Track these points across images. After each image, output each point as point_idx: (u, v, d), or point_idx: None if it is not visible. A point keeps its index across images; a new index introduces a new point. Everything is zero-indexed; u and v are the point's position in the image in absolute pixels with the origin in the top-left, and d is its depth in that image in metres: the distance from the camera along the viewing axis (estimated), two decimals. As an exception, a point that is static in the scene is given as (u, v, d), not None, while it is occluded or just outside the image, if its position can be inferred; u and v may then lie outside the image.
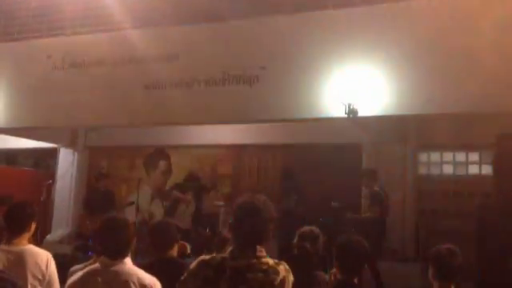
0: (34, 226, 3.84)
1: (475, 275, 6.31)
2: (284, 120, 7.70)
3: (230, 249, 2.65)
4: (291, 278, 2.61)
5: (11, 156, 12.94)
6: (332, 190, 8.57)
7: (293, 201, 8.40)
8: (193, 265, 2.67)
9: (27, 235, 3.80)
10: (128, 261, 2.96)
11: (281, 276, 2.56)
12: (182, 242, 4.18)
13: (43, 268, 3.65)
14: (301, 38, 7.22)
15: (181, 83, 7.81)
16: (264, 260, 2.59)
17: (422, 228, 8.37)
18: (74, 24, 8.87)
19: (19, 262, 3.60)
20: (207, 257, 2.69)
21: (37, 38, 9.16)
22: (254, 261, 2.57)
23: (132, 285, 2.84)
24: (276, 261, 2.64)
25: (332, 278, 3.70)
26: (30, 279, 3.57)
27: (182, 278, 2.67)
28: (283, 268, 2.60)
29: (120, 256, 2.93)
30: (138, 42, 8.02)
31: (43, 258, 3.69)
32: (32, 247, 3.75)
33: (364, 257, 3.44)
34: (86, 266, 3.16)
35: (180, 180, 10.53)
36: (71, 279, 3.00)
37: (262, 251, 2.61)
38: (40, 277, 3.62)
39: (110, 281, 2.86)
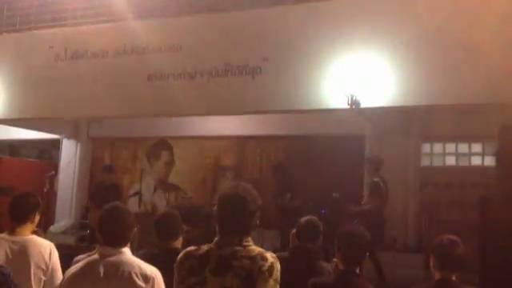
0: (37, 216, 3.85)
1: (477, 266, 6.32)
2: (287, 111, 7.70)
3: (215, 239, 2.62)
4: (279, 266, 2.56)
5: (14, 147, 12.98)
6: (334, 181, 8.57)
7: (287, 197, 8.29)
8: (179, 256, 2.65)
9: (31, 226, 3.81)
10: (127, 251, 2.95)
11: (269, 262, 2.51)
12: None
13: (46, 258, 3.66)
14: (303, 29, 7.20)
15: (183, 74, 7.80)
16: (250, 248, 2.56)
17: (424, 219, 8.39)
18: (76, 15, 8.87)
19: (22, 251, 3.62)
20: (193, 248, 2.66)
21: (39, 28, 9.16)
22: (240, 248, 2.54)
23: (134, 275, 2.84)
24: (262, 249, 2.60)
25: (334, 267, 3.72)
26: (34, 269, 3.59)
27: (174, 267, 2.65)
28: (270, 255, 2.56)
29: (120, 244, 2.93)
30: (141, 32, 8.01)
31: (46, 248, 3.70)
32: (35, 237, 3.76)
33: (365, 247, 3.45)
34: (88, 256, 3.16)
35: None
36: (69, 271, 2.98)
37: (248, 241, 2.58)
38: (43, 266, 3.64)
39: (110, 272, 2.83)
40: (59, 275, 3.65)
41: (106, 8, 8.57)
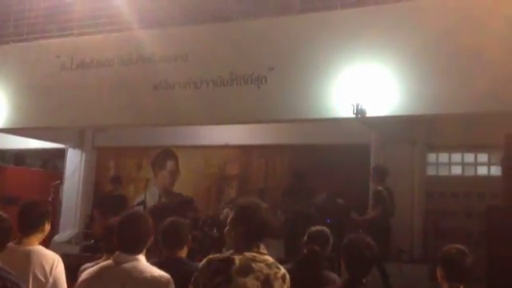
0: (47, 226, 3.79)
1: (485, 276, 6.28)
2: (292, 120, 7.70)
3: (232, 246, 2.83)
4: (289, 277, 2.77)
5: (19, 156, 13.00)
6: (340, 190, 8.55)
7: (304, 202, 8.35)
8: (202, 262, 2.79)
9: (40, 236, 3.75)
10: (142, 258, 2.95)
11: (282, 271, 2.75)
12: None
13: (47, 270, 3.58)
14: (309, 38, 7.21)
15: (189, 83, 7.81)
16: (266, 256, 2.77)
17: (430, 229, 8.34)
18: (82, 24, 8.91)
19: (24, 261, 3.55)
20: (215, 255, 2.84)
21: (46, 38, 9.21)
22: (257, 254, 2.75)
23: (146, 283, 2.83)
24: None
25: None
26: (32, 281, 3.51)
27: (193, 277, 2.75)
28: (283, 267, 2.80)
29: (136, 251, 2.92)
30: (147, 42, 8.05)
31: (49, 260, 3.62)
32: (40, 248, 3.70)
33: (372, 257, 3.42)
34: (95, 265, 3.14)
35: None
36: (84, 274, 2.98)
37: (263, 248, 2.80)
38: (42, 278, 3.54)
39: (123, 278, 2.83)
40: None
41: (111, 17, 8.61)
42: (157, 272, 2.92)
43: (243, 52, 7.65)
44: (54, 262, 3.64)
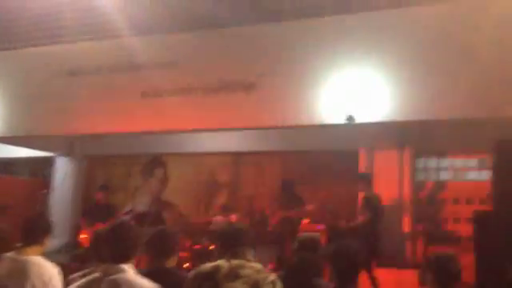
0: (48, 241, 3.86)
1: (473, 281, 6.29)
2: (282, 127, 7.70)
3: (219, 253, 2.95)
4: (280, 284, 2.84)
5: (7, 165, 12.89)
6: (330, 196, 8.56)
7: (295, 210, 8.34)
8: (190, 273, 2.88)
9: (40, 248, 3.80)
10: (130, 269, 2.92)
11: (273, 276, 2.82)
12: None
13: (45, 280, 3.58)
14: (298, 45, 7.24)
15: (178, 91, 7.81)
16: (255, 264, 2.85)
17: (419, 234, 8.36)
18: (72, 32, 8.88)
19: (21, 271, 3.56)
20: (204, 265, 2.91)
21: (35, 46, 9.17)
22: (245, 262, 2.82)
23: None
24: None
25: None
26: None
27: None
28: (273, 274, 2.87)
29: (123, 261, 2.90)
30: (136, 49, 8.04)
31: (46, 272, 3.63)
32: (39, 259, 3.71)
33: (359, 263, 3.43)
34: (84, 275, 3.11)
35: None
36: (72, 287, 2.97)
37: (251, 256, 2.90)
38: None
39: None
40: None
41: (101, 25, 8.59)
42: (145, 283, 2.88)
43: (232, 59, 7.66)
44: (50, 275, 3.64)
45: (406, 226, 8.44)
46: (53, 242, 10.49)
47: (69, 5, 8.87)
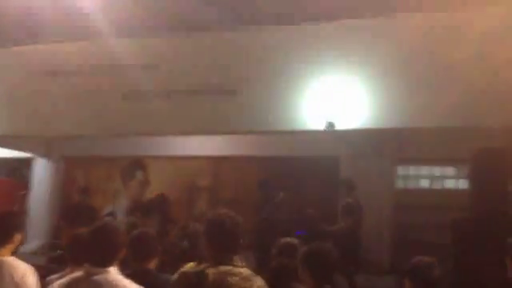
0: (18, 237, 3.77)
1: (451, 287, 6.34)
2: (263, 132, 7.71)
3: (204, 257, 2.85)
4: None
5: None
6: (309, 202, 8.56)
7: (267, 210, 8.30)
8: (174, 276, 2.83)
9: (11, 246, 3.72)
10: (114, 270, 2.89)
11: (260, 282, 2.79)
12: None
13: (17, 281, 3.51)
14: (281, 51, 7.26)
15: (160, 93, 7.78)
16: (241, 269, 2.80)
17: (399, 241, 8.41)
18: (52, 32, 8.77)
19: None
20: (187, 268, 2.85)
21: (14, 45, 9.05)
22: (232, 268, 2.77)
23: None
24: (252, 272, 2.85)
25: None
26: None
27: None
28: (260, 278, 2.82)
29: (106, 264, 2.87)
30: (118, 51, 7.97)
31: (19, 272, 3.56)
32: (12, 259, 3.64)
33: (332, 262, 3.45)
34: (62, 276, 3.08)
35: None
36: (55, 286, 2.92)
37: (238, 261, 2.82)
38: None
39: None
40: None
41: (82, 26, 8.50)
42: (129, 285, 2.87)
43: (215, 63, 7.65)
44: (24, 274, 3.57)
45: (385, 232, 8.49)
46: (30, 244, 10.42)
47: (49, 5, 8.77)
